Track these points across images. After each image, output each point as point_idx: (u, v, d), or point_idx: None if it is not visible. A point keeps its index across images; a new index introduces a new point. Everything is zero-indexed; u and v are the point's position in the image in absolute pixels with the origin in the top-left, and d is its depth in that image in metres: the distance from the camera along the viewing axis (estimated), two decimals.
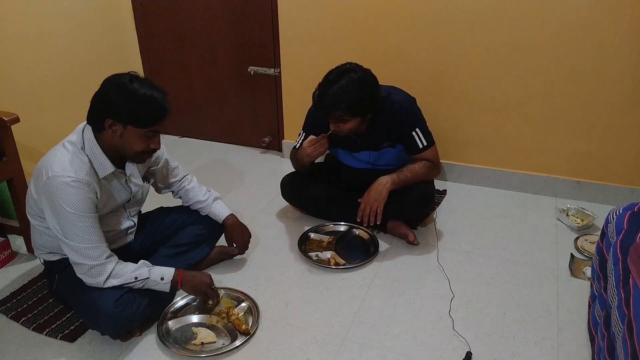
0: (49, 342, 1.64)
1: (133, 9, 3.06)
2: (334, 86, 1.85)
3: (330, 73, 1.91)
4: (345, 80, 1.85)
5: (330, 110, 1.89)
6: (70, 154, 1.50)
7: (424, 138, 2.05)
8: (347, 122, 1.92)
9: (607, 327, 1.34)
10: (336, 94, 1.85)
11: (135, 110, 1.45)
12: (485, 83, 2.40)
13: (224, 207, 1.96)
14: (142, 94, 1.45)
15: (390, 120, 2.02)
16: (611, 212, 1.53)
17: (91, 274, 1.51)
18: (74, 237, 1.48)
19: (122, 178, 1.64)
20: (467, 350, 1.57)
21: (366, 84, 1.89)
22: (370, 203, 2.00)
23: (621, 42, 2.12)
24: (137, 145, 1.51)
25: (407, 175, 2.03)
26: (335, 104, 1.85)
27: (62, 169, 1.46)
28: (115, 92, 1.45)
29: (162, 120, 1.51)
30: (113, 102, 1.45)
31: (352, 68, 1.90)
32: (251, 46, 2.88)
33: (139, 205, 1.81)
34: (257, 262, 2.04)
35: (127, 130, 1.48)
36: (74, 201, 1.46)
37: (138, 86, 1.45)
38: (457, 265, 1.99)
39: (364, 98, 1.88)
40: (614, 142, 2.30)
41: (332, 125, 1.95)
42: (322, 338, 1.64)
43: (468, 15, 2.29)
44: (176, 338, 1.63)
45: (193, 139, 3.33)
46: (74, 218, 1.47)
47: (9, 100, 2.34)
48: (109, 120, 1.46)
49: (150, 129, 1.49)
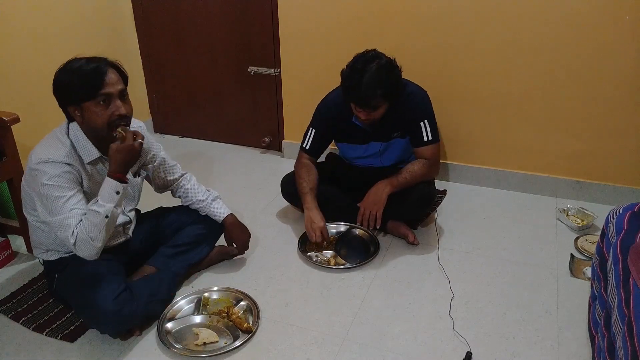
0: (49, 342, 1.64)
1: (133, 9, 3.06)
2: (366, 75, 1.82)
3: (357, 62, 1.87)
4: (375, 67, 1.83)
5: (368, 100, 1.84)
6: (53, 139, 1.53)
7: (431, 132, 2.04)
8: (379, 109, 1.90)
9: (607, 327, 1.34)
10: (371, 83, 1.81)
11: (75, 84, 1.46)
12: (486, 83, 2.40)
13: (224, 207, 1.96)
14: (76, 67, 1.47)
15: (404, 109, 2.01)
16: (611, 212, 1.53)
17: (79, 240, 1.46)
18: (56, 211, 1.47)
19: None
20: (467, 350, 1.57)
21: (395, 68, 1.89)
22: (370, 207, 2.00)
23: (621, 42, 2.12)
24: (99, 118, 1.48)
25: (406, 177, 2.03)
26: (373, 92, 1.82)
27: (43, 153, 1.49)
28: (58, 77, 1.49)
29: (104, 81, 1.45)
30: (60, 87, 1.49)
31: (376, 54, 1.88)
32: (251, 46, 2.88)
33: (132, 200, 1.79)
34: (257, 262, 2.04)
35: (84, 109, 1.48)
36: (53, 175, 1.46)
37: (73, 63, 1.48)
38: (457, 265, 1.99)
39: (396, 83, 1.89)
40: (614, 142, 2.30)
41: (363, 114, 1.91)
42: (322, 338, 1.64)
43: (468, 16, 2.29)
44: (177, 338, 1.62)
45: (193, 139, 3.33)
46: (54, 190, 1.46)
47: (9, 100, 2.34)
48: (70, 107, 1.50)
49: (98, 94, 1.45)
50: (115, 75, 1.50)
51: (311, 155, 2.19)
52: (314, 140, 2.16)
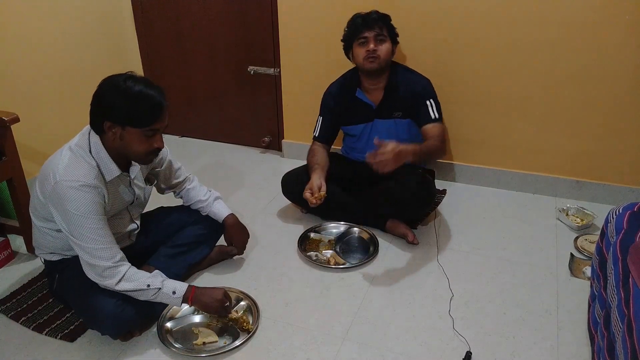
0: (49, 342, 1.64)
1: (133, 9, 3.06)
2: (366, 13, 2.08)
3: (357, 13, 2.11)
4: (374, 10, 2.10)
5: (372, 21, 2.04)
6: (78, 158, 1.48)
7: (437, 111, 2.11)
8: (384, 42, 2.06)
9: (607, 326, 1.34)
10: (372, 14, 2.07)
11: (130, 110, 1.42)
12: (486, 83, 2.40)
13: (224, 207, 1.96)
14: (136, 92, 1.42)
15: (407, 88, 2.12)
16: (611, 211, 1.53)
17: (105, 275, 1.49)
18: (85, 239, 1.47)
19: (127, 181, 1.63)
20: (467, 350, 1.57)
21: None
22: (387, 155, 1.68)
23: (621, 42, 2.12)
24: (138, 146, 1.48)
25: (429, 147, 1.97)
26: (376, 15, 2.06)
27: (70, 174, 1.45)
28: (109, 93, 1.43)
29: (160, 118, 1.47)
30: (108, 103, 1.43)
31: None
32: (251, 46, 2.88)
33: (141, 207, 1.80)
34: (257, 262, 2.04)
35: (126, 131, 1.46)
36: (83, 205, 1.45)
37: (132, 84, 1.43)
38: (457, 265, 1.99)
39: (391, 23, 2.12)
40: (614, 142, 2.30)
41: (371, 44, 2.04)
42: (322, 338, 1.64)
43: (468, 16, 2.29)
44: (177, 338, 1.63)
45: (193, 139, 3.33)
46: (84, 221, 1.46)
47: (9, 100, 2.34)
48: (107, 122, 1.45)
49: (149, 127, 1.46)
50: (167, 111, 1.49)
51: (322, 142, 2.29)
52: (323, 127, 2.28)
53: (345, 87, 2.22)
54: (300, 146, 2.91)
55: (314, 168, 2.17)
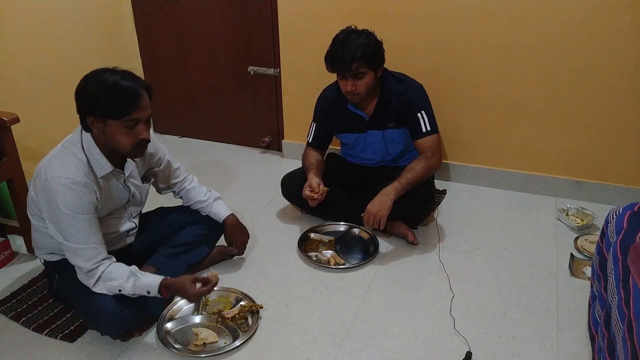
0: (49, 342, 1.64)
1: (133, 9, 3.06)
2: (346, 42, 1.95)
3: (338, 35, 2.01)
4: (355, 35, 1.97)
5: (347, 63, 1.94)
6: (69, 154, 1.49)
7: (429, 123, 2.09)
8: (363, 77, 1.98)
9: (607, 326, 1.34)
10: (350, 47, 1.94)
11: (106, 101, 1.41)
12: (485, 83, 2.40)
13: (225, 207, 1.96)
14: (111, 82, 1.41)
15: (399, 99, 2.09)
16: (611, 211, 1.53)
17: (88, 275, 1.50)
18: (71, 238, 1.48)
19: (121, 178, 1.63)
20: (467, 349, 1.57)
21: (374, 37, 2.01)
22: (374, 213, 1.98)
23: (621, 42, 2.12)
24: (122, 138, 1.46)
25: (409, 177, 2.02)
26: (353, 54, 1.93)
27: (60, 170, 1.45)
28: (87, 87, 1.43)
29: (137, 107, 1.43)
30: (86, 97, 1.43)
31: (355, 29, 2.02)
32: (251, 46, 2.88)
33: (139, 206, 1.79)
34: (257, 262, 2.04)
35: (107, 125, 1.44)
36: (72, 203, 1.45)
37: (108, 76, 1.42)
38: (457, 265, 1.99)
39: (375, 48, 1.99)
40: (614, 142, 2.30)
41: (349, 85, 1.99)
42: (322, 338, 1.64)
43: (468, 16, 2.29)
44: (176, 339, 1.62)
45: (193, 139, 3.33)
46: (71, 220, 1.46)
47: (9, 100, 2.34)
48: (90, 118, 1.45)
49: (127, 118, 1.43)
50: (147, 99, 1.46)
51: (315, 148, 2.28)
52: (317, 133, 2.27)
53: (338, 96, 2.15)
54: (300, 146, 2.89)
55: (309, 169, 2.17)
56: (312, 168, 2.17)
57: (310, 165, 2.19)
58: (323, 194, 2.05)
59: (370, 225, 2.02)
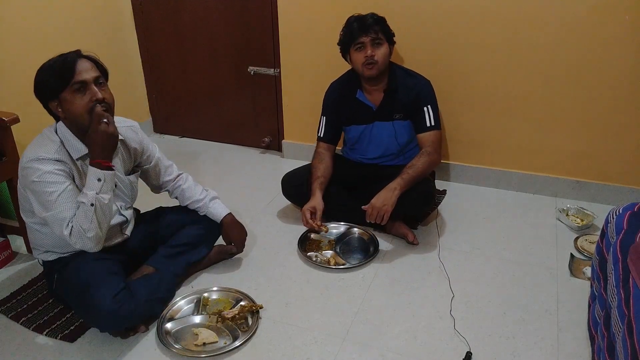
0: (49, 342, 1.64)
1: (133, 9, 3.06)
2: (361, 16, 2.08)
3: (351, 17, 2.11)
4: (370, 13, 2.10)
5: (368, 26, 2.03)
6: (43, 138, 1.55)
7: (433, 118, 2.12)
8: (381, 45, 2.05)
9: (607, 327, 1.34)
10: (367, 16, 2.07)
11: (49, 78, 1.48)
12: (486, 83, 2.40)
13: (222, 207, 1.96)
14: (49, 63, 1.50)
15: (408, 94, 2.13)
16: (611, 212, 1.53)
17: (73, 232, 1.48)
18: (50, 205, 1.48)
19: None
20: (467, 350, 1.57)
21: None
22: (378, 207, 1.98)
23: (621, 42, 2.12)
24: (78, 107, 1.49)
25: (410, 173, 2.03)
26: (372, 18, 2.05)
27: (34, 152, 1.50)
28: (35, 79, 1.51)
29: (75, 69, 1.47)
30: (38, 86, 1.51)
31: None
32: (251, 46, 2.88)
33: (127, 198, 1.77)
34: (257, 262, 2.04)
35: (62, 100, 1.49)
36: (45, 171, 1.47)
37: (47, 61, 1.50)
38: (457, 265, 1.99)
39: (389, 28, 2.12)
40: (614, 142, 2.30)
41: (368, 50, 2.04)
42: (322, 338, 1.64)
43: (468, 16, 2.29)
44: (176, 339, 1.62)
45: (193, 139, 3.33)
46: (47, 186, 1.47)
47: (9, 100, 2.34)
48: (50, 103, 1.51)
49: (72, 82, 1.47)
50: (88, 63, 1.51)
51: (327, 142, 2.29)
52: (327, 127, 2.29)
53: (346, 87, 2.22)
54: (300, 146, 2.91)
55: (316, 180, 2.17)
56: (318, 184, 2.16)
57: (318, 177, 2.18)
58: (320, 229, 2.07)
59: (372, 219, 2.01)
